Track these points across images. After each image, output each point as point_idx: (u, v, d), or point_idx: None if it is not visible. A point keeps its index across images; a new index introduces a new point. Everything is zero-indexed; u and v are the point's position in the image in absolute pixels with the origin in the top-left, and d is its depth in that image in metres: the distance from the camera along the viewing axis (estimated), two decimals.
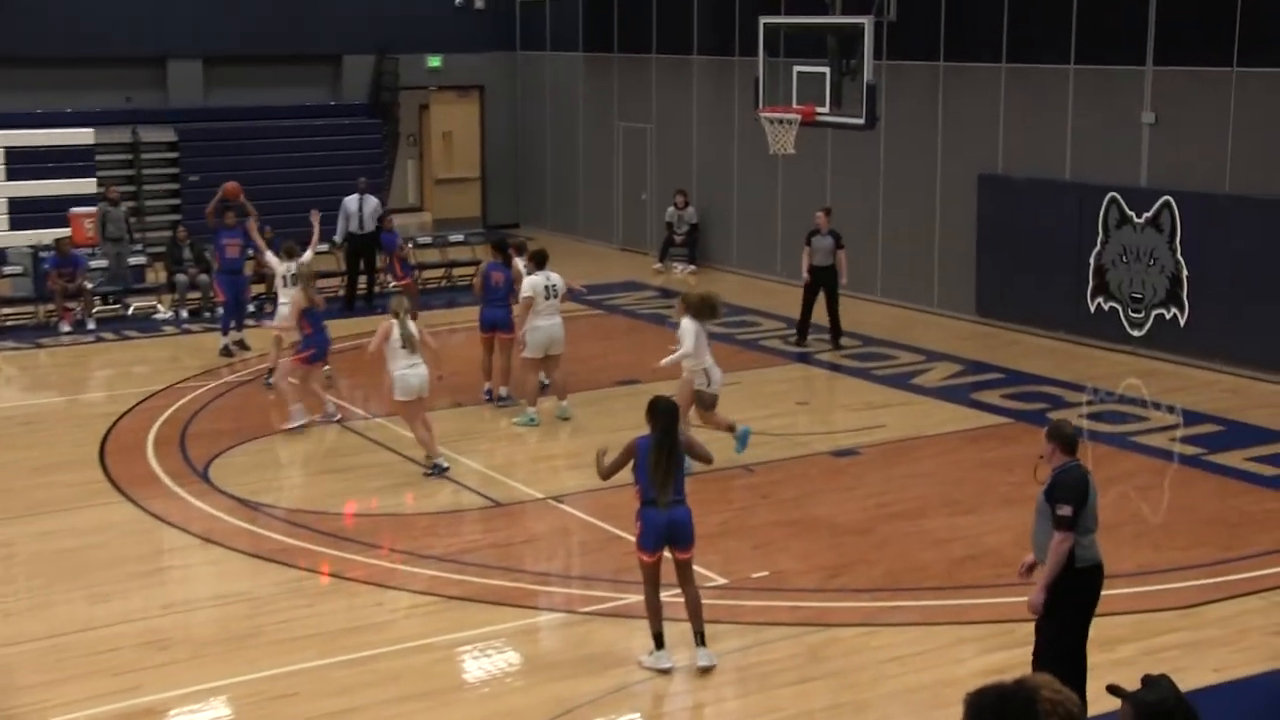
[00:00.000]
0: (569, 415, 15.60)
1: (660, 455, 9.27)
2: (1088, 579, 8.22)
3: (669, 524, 9.34)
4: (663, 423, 9.32)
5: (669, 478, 9.30)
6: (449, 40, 29.09)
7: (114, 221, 22.05)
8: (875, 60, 17.50)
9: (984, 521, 12.40)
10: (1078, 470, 8.25)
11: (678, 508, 9.38)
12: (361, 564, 11.52)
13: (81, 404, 17.05)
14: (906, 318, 20.92)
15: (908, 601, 10.77)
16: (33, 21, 25.45)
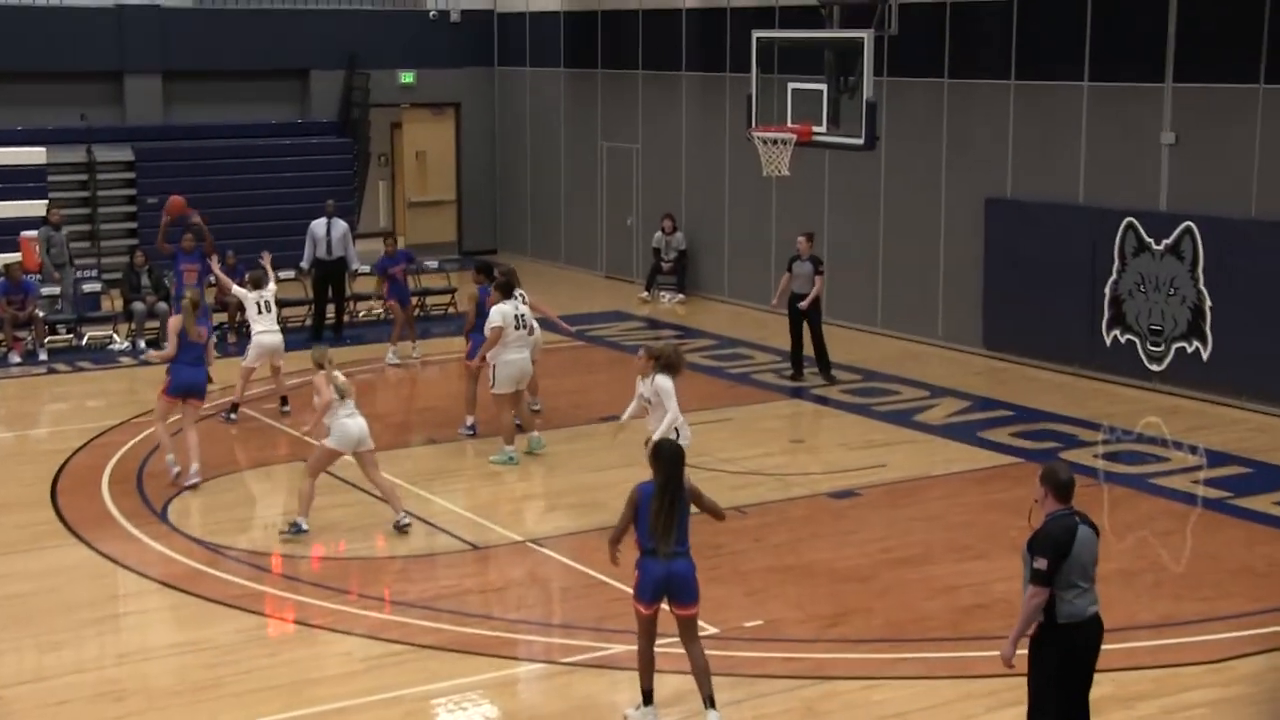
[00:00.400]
0: (544, 446, 15.66)
1: (662, 502, 9.23)
2: (1071, 635, 8.27)
3: (668, 576, 9.29)
4: (667, 468, 9.30)
5: (670, 527, 9.25)
6: (423, 55, 29.21)
7: (56, 246, 22.05)
8: (875, 76, 17.60)
9: (993, 568, 12.43)
10: (1065, 520, 8.29)
11: (678, 560, 9.31)
12: (329, 610, 11.52)
13: (32, 440, 17.03)
14: (909, 350, 20.99)
15: (911, 653, 10.79)
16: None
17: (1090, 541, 8.31)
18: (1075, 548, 8.20)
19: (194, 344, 14.50)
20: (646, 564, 9.31)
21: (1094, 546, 8.34)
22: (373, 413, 18.22)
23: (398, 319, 20.74)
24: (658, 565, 9.27)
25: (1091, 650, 8.38)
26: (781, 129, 18.35)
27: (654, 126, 25.99)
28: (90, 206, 25.69)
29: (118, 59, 26.65)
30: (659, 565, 9.27)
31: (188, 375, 14.48)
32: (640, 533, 9.32)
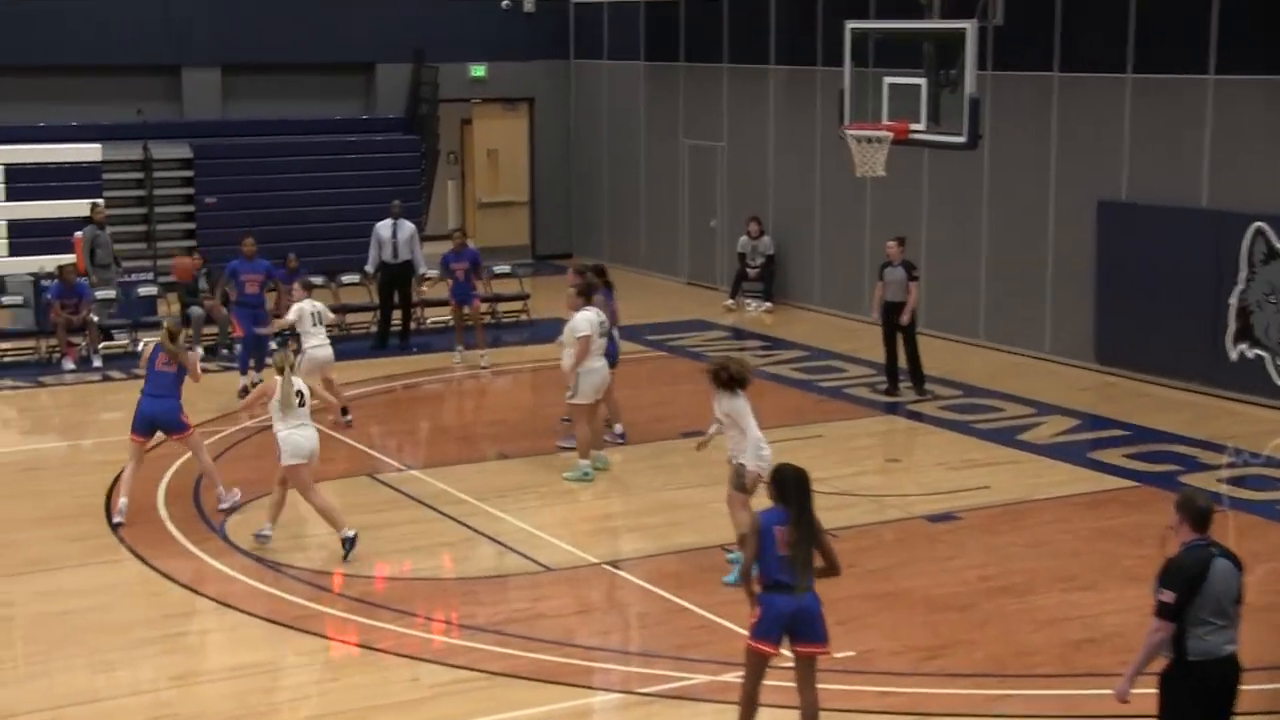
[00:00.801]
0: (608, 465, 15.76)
1: (801, 533, 9.11)
2: (1204, 673, 8.18)
3: (796, 613, 9.13)
4: (797, 495, 9.20)
5: (808, 560, 9.16)
6: (494, 47, 29.39)
7: (103, 247, 22.38)
8: (979, 70, 17.51)
9: (1104, 600, 12.32)
10: (1199, 552, 8.21)
11: (808, 594, 9.18)
12: (393, 633, 11.61)
13: (86, 450, 17.30)
14: (1014, 364, 20.86)
15: (1014, 690, 10.72)
16: (36, 27, 25.95)
17: (1228, 575, 8.20)
18: (1209, 582, 8.10)
19: (160, 373, 14.16)
20: (774, 600, 9.13)
21: (1233, 581, 8.22)
22: (439, 425, 18.50)
23: (455, 321, 20.93)
24: (787, 601, 9.11)
25: (1227, 692, 8.28)
26: (877, 126, 18.29)
27: (740, 123, 26.00)
28: (146, 206, 26.05)
29: (175, 52, 27.04)
30: (788, 601, 9.11)
31: (147, 407, 14.19)
32: (765, 566, 9.13)
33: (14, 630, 11.97)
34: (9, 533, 13.96)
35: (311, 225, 26.14)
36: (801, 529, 9.13)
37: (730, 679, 10.62)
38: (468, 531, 14.03)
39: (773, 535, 9.13)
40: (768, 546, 9.12)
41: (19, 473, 16.11)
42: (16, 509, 14.71)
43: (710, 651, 11.25)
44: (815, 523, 9.23)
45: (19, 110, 25.93)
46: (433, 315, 23.31)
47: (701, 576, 12.94)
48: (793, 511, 9.15)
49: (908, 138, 18.01)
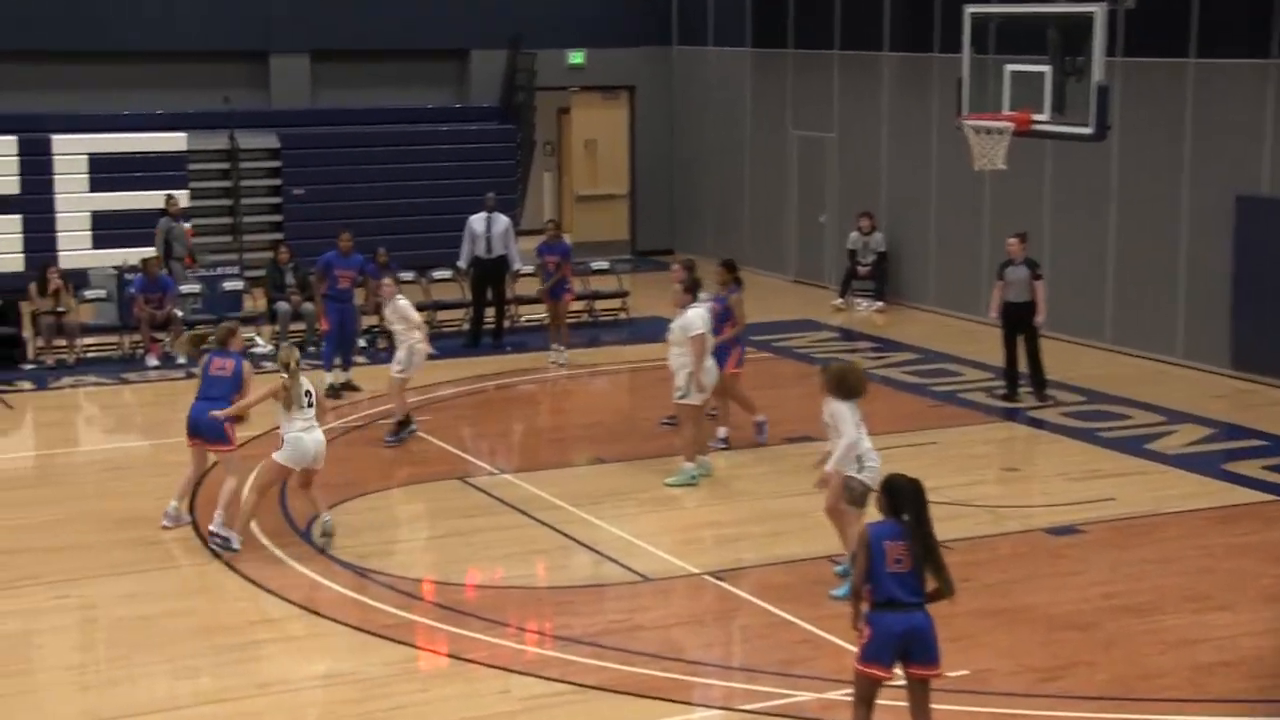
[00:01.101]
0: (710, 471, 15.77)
1: (924, 546, 9.02)
2: None
3: (908, 633, 9.04)
4: (913, 507, 9.09)
5: (921, 576, 9.06)
6: (594, 33, 29.51)
7: (178, 239, 22.70)
8: (1108, 56, 17.37)
9: (1239, 621, 12.18)
10: None
11: (918, 612, 9.08)
12: (485, 644, 11.68)
13: (169, 449, 17.51)
14: (1143, 369, 20.66)
15: (1140, 715, 10.62)
16: (120, 12, 26.38)
17: None
18: None
19: (214, 378, 14.07)
20: (883, 619, 9.03)
21: None
22: (533, 427, 18.59)
23: (550, 318, 21.26)
24: (899, 620, 9.02)
25: None
26: (997, 117, 18.20)
27: (851, 113, 25.93)
28: (232, 197, 26.39)
29: (263, 38, 27.38)
30: (900, 620, 9.02)
31: (196, 412, 14.11)
32: (876, 583, 9.03)
33: (96, 634, 12.20)
34: (91, 534, 14.20)
35: (402, 218, 26.40)
36: (917, 543, 9.03)
37: (836, 697, 10.62)
38: (562, 539, 14.10)
39: (883, 550, 9.03)
40: (878, 562, 9.02)
41: (102, 472, 16.40)
42: (99, 510, 14.95)
43: (816, 668, 11.23)
44: (931, 537, 9.13)
45: (103, 99, 26.34)
46: (527, 313, 23.45)
47: (808, 589, 12.91)
48: (910, 524, 9.06)
49: (1030, 129, 17.91)
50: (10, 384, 19.94)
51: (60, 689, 11.04)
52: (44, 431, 18.48)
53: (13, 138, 25.04)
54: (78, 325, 21.14)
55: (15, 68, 25.90)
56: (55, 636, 12.06)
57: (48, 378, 20.28)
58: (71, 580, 13.05)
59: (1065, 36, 17.63)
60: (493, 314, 22.49)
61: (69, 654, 11.73)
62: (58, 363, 20.73)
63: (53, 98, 26.00)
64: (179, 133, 25.91)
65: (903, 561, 9.02)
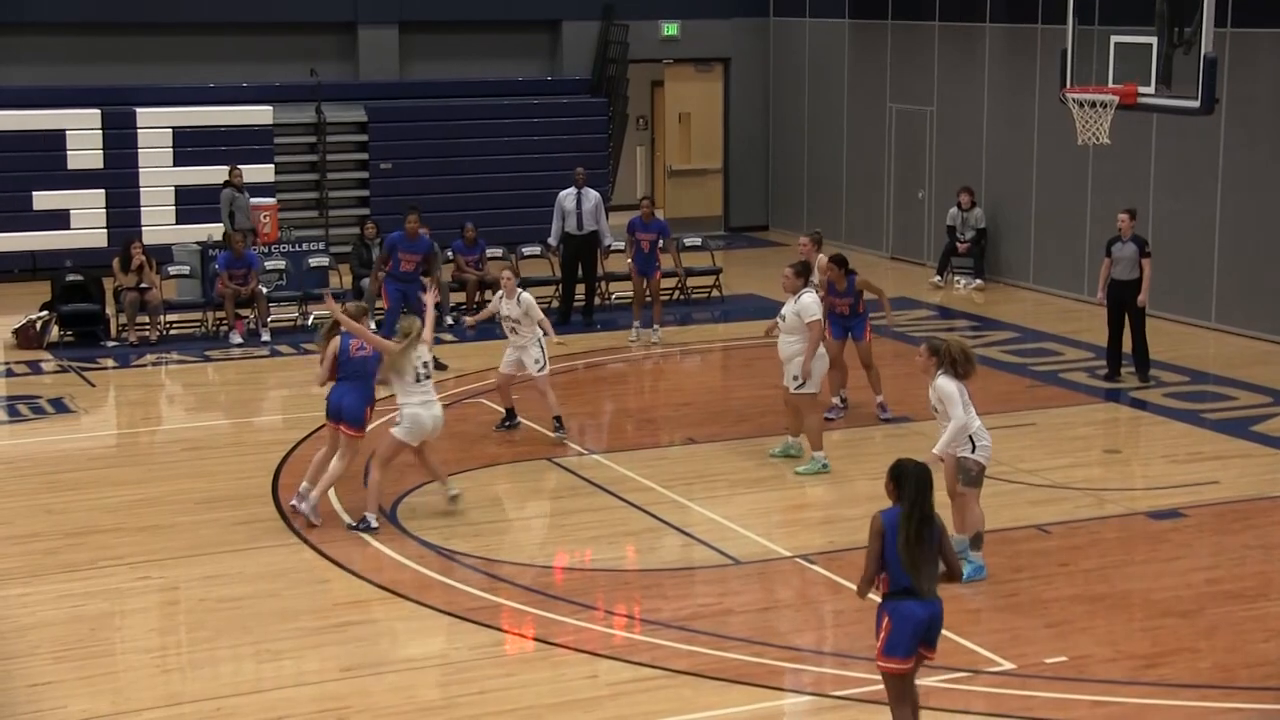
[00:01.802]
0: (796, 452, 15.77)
1: (909, 531, 8.93)
2: None
3: (930, 620, 9.00)
4: (913, 490, 9.02)
5: (926, 560, 8.98)
6: (688, 4, 29.50)
7: (241, 210, 22.86)
8: (1217, 28, 17.18)
9: None
10: None
11: (937, 600, 9.06)
12: (572, 628, 11.76)
13: (253, 428, 17.76)
14: (1251, 349, 20.45)
15: (1244, 703, 10.55)
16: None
17: None
18: None
19: (355, 359, 13.93)
20: (902, 607, 8.97)
21: None
22: (623, 407, 18.65)
23: (635, 295, 21.19)
24: (918, 608, 8.96)
25: None
26: (1101, 89, 18.04)
27: (951, 86, 25.78)
28: (318, 172, 26.61)
29: (350, 9, 27.55)
30: (919, 608, 8.96)
31: (335, 395, 14.01)
32: (891, 571, 9.00)
33: (178, 616, 12.38)
34: (174, 515, 14.39)
35: (491, 193, 26.54)
36: (910, 525, 8.94)
37: (929, 683, 10.61)
38: (652, 521, 14.15)
39: (894, 536, 8.98)
40: (890, 549, 8.97)
41: (184, 451, 16.60)
42: (181, 490, 15.14)
43: None
44: (937, 523, 9.07)
45: (188, 71, 26.63)
46: (618, 290, 23.49)
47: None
48: (904, 507, 8.98)
49: (1136, 103, 17.74)
50: (93, 361, 20.23)
51: (141, 672, 11.19)
52: (126, 410, 18.73)
53: (96, 111, 25.35)
54: (161, 302, 21.39)
55: (99, 40, 26.23)
56: (137, 618, 12.25)
57: (130, 355, 20.54)
58: (153, 561, 13.23)
59: (1172, 7, 17.45)
60: (583, 291, 22.55)
61: (150, 636, 11.89)
62: (140, 340, 20.96)
63: (137, 71, 26.30)
64: (265, 106, 26.14)
65: (904, 547, 8.94)
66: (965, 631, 11.49)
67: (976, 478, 12.58)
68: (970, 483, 12.57)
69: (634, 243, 21.23)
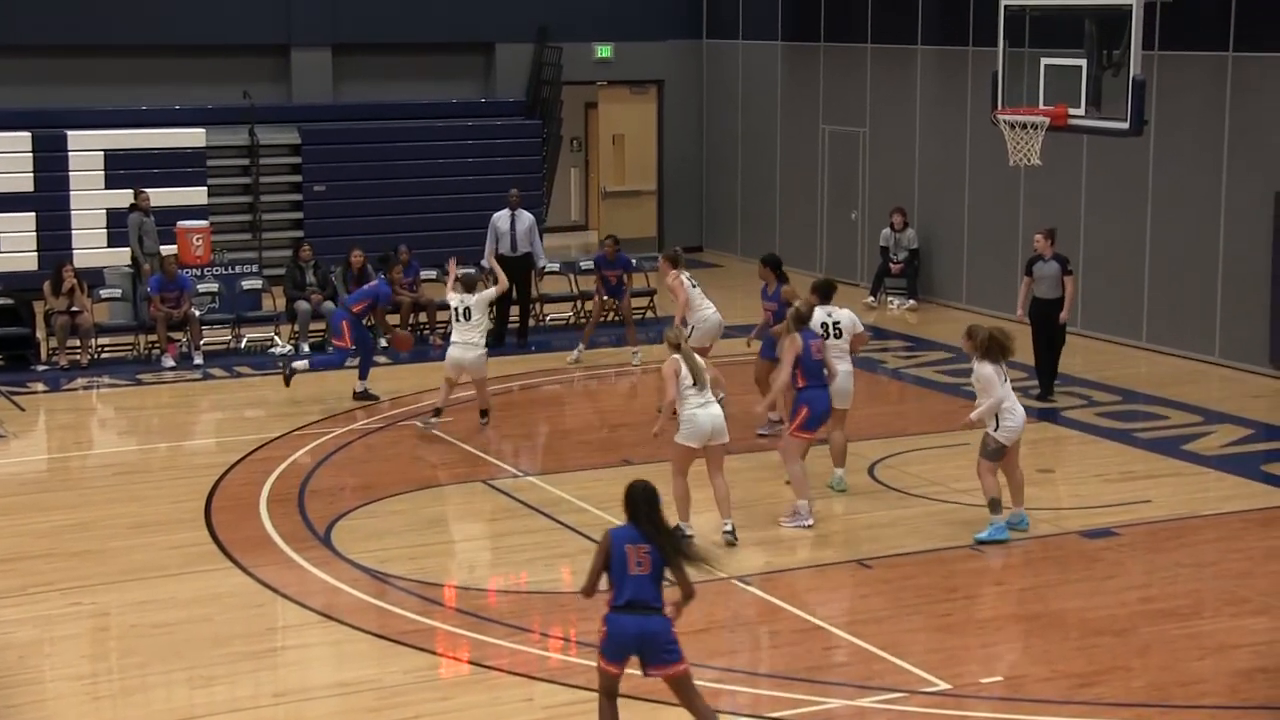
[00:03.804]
0: (845, 487, 15.55)
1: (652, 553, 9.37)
2: None
3: (640, 636, 9.40)
4: (647, 513, 9.45)
5: (659, 580, 9.39)
6: (622, 26, 29.51)
7: (149, 234, 22.64)
8: (1145, 50, 17.33)
9: (1278, 626, 12.15)
10: None
11: (652, 617, 9.41)
12: (507, 651, 11.69)
13: (186, 452, 17.59)
14: (1180, 369, 20.59)
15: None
16: (136, 6, 26.37)
17: None
18: None
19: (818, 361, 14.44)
20: (620, 621, 9.41)
21: None
22: (558, 428, 18.60)
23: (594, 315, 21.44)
24: (633, 622, 9.38)
25: None
26: (1032, 111, 18.16)
27: (884, 108, 25.88)
28: (252, 194, 26.45)
29: (284, 31, 27.41)
30: (634, 622, 9.38)
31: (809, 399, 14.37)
32: (616, 586, 9.41)
33: (110, 643, 12.22)
34: (106, 540, 14.23)
35: (425, 215, 26.44)
36: (654, 548, 9.37)
37: (868, 704, 10.62)
38: (587, 543, 14.06)
39: (624, 554, 9.39)
40: (617, 565, 9.39)
41: (116, 475, 16.42)
42: (113, 515, 14.97)
43: (847, 674, 11.22)
44: (672, 542, 9.48)
45: (119, 93, 26.37)
46: (552, 311, 23.46)
47: (836, 593, 12.92)
48: (645, 529, 9.40)
49: (1066, 124, 17.87)
50: (23, 385, 19.98)
51: (71, 700, 11.03)
52: (57, 434, 18.51)
53: (27, 134, 25.09)
54: (92, 325, 21.17)
55: (30, 62, 25.97)
56: (67, 645, 12.08)
57: (61, 379, 20.31)
58: (85, 587, 13.07)
59: (1101, 29, 17.61)
60: (517, 313, 22.50)
61: (81, 663, 11.75)
62: (71, 364, 20.74)
63: (68, 93, 26.06)
64: (197, 128, 25.94)
65: (643, 565, 9.37)
66: (901, 652, 11.50)
67: (994, 452, 13.90)
68: (988, 455, 13.92)
69: (601, 279, 21.35)
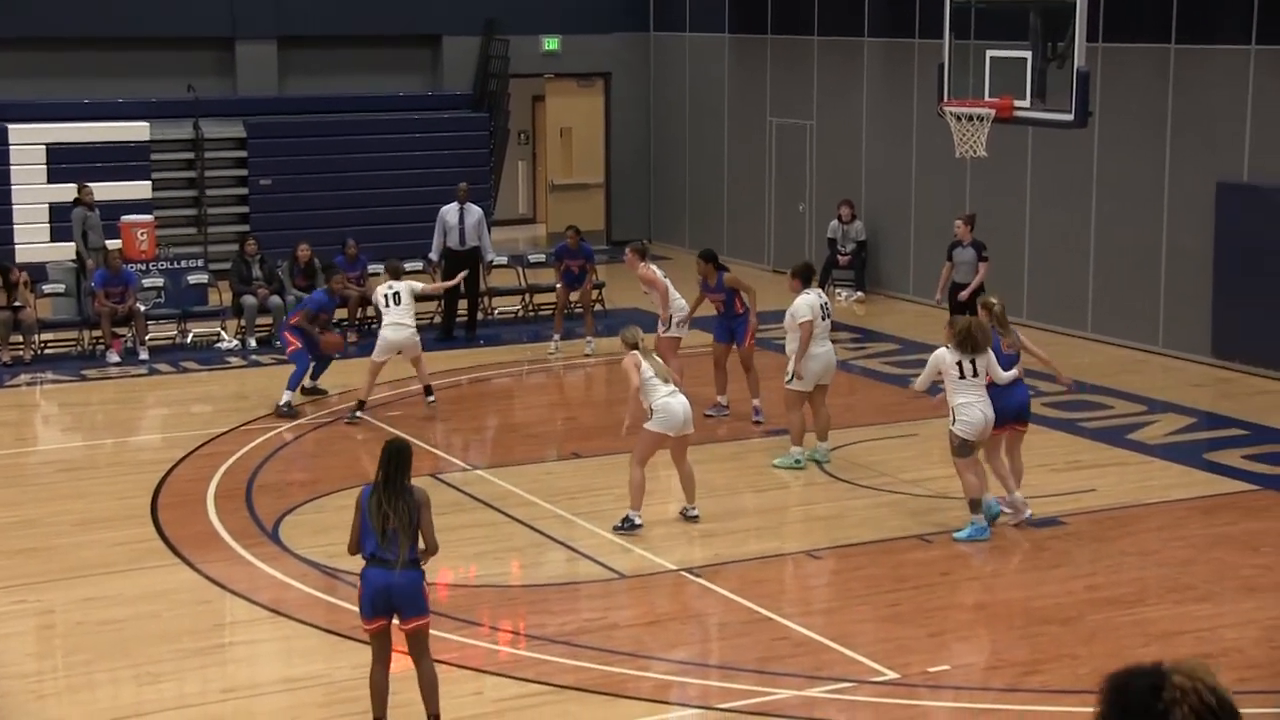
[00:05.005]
0: (829, 459, 15.88)
1: (378, 504, 9.66)
2: None
3: (389, 588, 9.72)
4: (386, 467, 9.75)
5: (397, 532, 9.64)
6: (569, 19, 29.50)
7: (94, 229, 22.52)
8: (1089, 42, 17.42)
9: (1221, 613, 12.26)
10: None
11: (405, 570, 9.71)
12: (456, 644, 11.68)
13: (131, 448, 17.51)
14: (1124, 359, 20.73)
15: None
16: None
17: None
18: None
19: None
20: (367, 574, 9.81)
21: None
22: (507, 422, 18.61)
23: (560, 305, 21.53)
24: (380, 575, 9.73)
25: None
26: (978, 103, 18.22)
27: (831, 100, 25.95)
28: (197, 188, 26.32)
29: (228, 24, 27.29)
30: (381, 575, 9.72)
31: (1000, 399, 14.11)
32: (363, 540, 9.79)
33: (53, 641, 12.18)
34: (51, 537, 14.16)
35: (372, 209, 26.35)
36: (376, 498, 9.64)
37: (816, 694, 10.67)
38: (537, 536, 14.12)
39: (368, 509, 9.76)
40: (365, 521, 9.76)
41: (60, 472, 16.34)
42: (58, 511, 14.90)
43: (794, 665, 11.27)
44: (410, 498, 9.73)
45: (62, 86, 26.22)
46: (501, 305, 23.45)
47: (786, 585, 12.98)
48: (376, 480, 9.73)
49: (1011, 115, 17.93)
50: None
51: (16, 698, 10.95)
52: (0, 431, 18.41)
53: None
54: (35, 321, 21.03)
55: None
56: (12, 642, 12.02)
57: (4, 375, 20.17)
58: (30, 584, 13.01)
59: (1046, 21, 17.67)
60: (465, 307, 22.48)
61: (26, 661, 11.70)
62: (14, 360, 20.58)
63: (9, 86, 25.84)
64: (141, 122, 25.80)
65: (375, 517, 9.66)
66: (849, 642, 11.56)
67: (959, 448, 13.80)
68: (955, 452, 13.86)
69: (564, 268, 21.42)
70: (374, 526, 9.68)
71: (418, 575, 9.82)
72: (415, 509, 9.77)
